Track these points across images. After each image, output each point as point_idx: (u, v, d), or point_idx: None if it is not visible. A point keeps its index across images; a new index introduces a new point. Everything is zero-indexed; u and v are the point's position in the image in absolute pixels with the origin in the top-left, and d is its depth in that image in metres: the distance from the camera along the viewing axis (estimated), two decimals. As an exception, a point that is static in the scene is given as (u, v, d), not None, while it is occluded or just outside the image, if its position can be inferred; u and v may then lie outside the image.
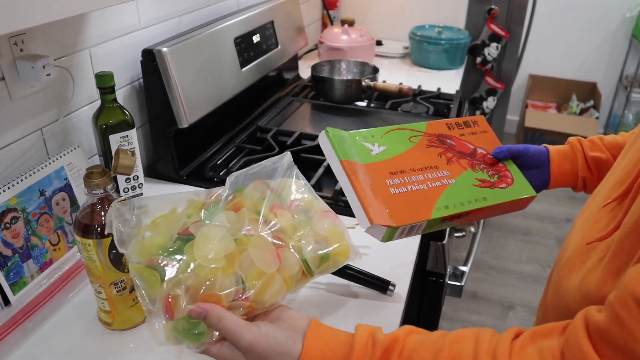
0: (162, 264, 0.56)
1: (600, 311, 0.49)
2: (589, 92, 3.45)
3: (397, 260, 0.91)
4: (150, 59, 1.04)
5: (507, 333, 0.53)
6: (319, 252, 0.62)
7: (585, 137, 0.88)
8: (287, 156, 0.71)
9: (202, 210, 0.62)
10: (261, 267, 0.57)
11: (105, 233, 0.63)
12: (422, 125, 0.82)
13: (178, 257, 0.56)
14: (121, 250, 0.59)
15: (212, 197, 0.64)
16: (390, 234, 0.69)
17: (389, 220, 0.68)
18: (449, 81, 1.84)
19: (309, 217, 0.66)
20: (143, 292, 0.56)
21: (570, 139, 0.88)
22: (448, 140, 0.82)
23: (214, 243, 0.57)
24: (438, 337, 0.55)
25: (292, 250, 0.61)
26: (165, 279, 0.55)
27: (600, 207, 0.64)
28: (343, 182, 0.71)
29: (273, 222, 0.62)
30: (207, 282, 0.55)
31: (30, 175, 0.80)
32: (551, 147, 0.86)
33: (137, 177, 0.99)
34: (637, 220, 0.52)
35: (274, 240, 0.60)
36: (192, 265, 0.55)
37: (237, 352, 0.54)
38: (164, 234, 0.59)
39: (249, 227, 0.60)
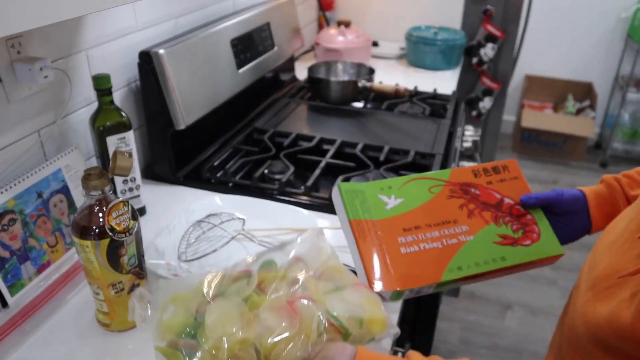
0: (183, 347, 0.55)
1: None
2: (585, 92, 3.46)
3: (394, 260, 0.91)
4: (147, 61, 1.04)
5: None
6: (351, 313, 0.59)
7: (584, 138, 0.85)
8: (318, 230, 0.69)
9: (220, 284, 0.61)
10: (277, 334, 0.55)
11: (129, 320, 0.62)
12: (445, 173, 0.77)
13: (197, 338, 0.56)
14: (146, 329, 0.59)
15: (239, 272, 0.63)
16: (397, 295, 0.66)
17: (393, 284, 0.65)
18: (445, 82, 1.84)
19: (340, 286, 0.64)
20: None
21: (606, 177, 0.81)
22: (472, 190, 0.76)
23: (226, 320, 0.56)
24: None
25: (310, 303, 0.58)
26: None
27: (636, 237, 0.60)
28: (350, 243, 0.69)
29: (295, 278, 0.61)
30: None
31: (27, 177, 0.81)
32: (587, 191, 0.79)
33: (135, 178, 0.99)
34: None
35: (291, 292, 0.59)
36: (209, 344, 0.55)
37: None
38: (183, 311, 0.59)
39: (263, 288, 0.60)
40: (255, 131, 1.35)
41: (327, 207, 1.04)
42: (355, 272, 0.68)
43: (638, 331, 0.53)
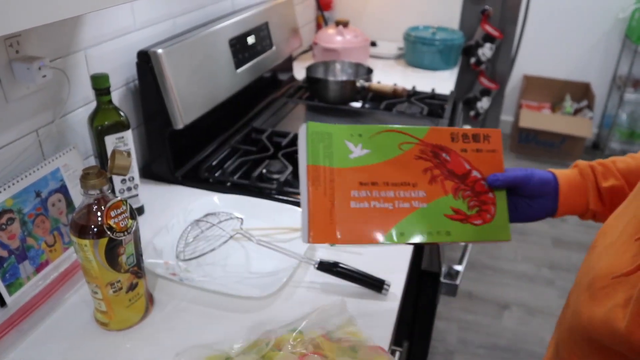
0: None
1: None
2: (582, 92, 3.47)
3: (392, 260, 0.91)
4: (145, 61, 1.04)
5: None
6: None
7: (581, 138, 0.83)
8: (340, 301, 0.70)
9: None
10: None
11: None
12: (422, 130, 0.73)
13: None
14: None
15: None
16: (334, 244, 0.67)
17: (329, 237, 0.65)
18: (443, 82, 1.84)
19: (355, 347, 0.65)
20: None
21: (580, 163, 0.78)
22: (443, 155, 0.73)
23: None
24: None
25: (320, 359, 0.59)
26: None
27: (633, 240, 0.59)
28: (302, 187, 0.68)
29: (311, 338, 0.63)
30: None
31: (26, 176, 0.81)
32: (560, 175, 0.77)
33: (133, 177, 0.99)
34: None
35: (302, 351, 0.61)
36: None
37: None
38: None
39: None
40: (254, 131, 1.35)
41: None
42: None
43: (632, 336, 0.53)
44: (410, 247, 0.95)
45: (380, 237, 0.67)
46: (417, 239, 0.69)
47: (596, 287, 0.62)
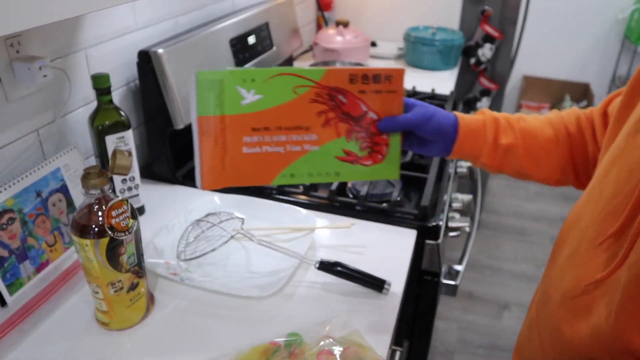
0: None
1: None
2: (582, 92, 3.47)
3: (393, 260, 0.91)
4: (146, 60, 1.04)
5: None
6: None
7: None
8: (345, 315, 0.73)
9: None
10: None
11: None
12: (319, 72, 0.70)
13: None
14: None
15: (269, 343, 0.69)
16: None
17: (222, 181, 0.69)
18: (443, 82, 1.85)
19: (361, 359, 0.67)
20: None
21: (487, 115, 0.79)
22: (340, 97, 0.71)
23: None
24: None
25: None
26: None
27: (596, 245, 0.59)
28: (194, 139, 0.68)
29: (318, 349, 0.65)
30: None
31: (26, 176, 0.80)
32: (462, 122, 0.77)
33: (134, 177, 0.99)
34: None
35: None
36: None
37: None
38: None
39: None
40: (254, 131, 1.35)
41: (326, 207, 1.05)
42: None
43: (619, 337, 0.52)
44: (411, 248, 0.95)
45: (270, 179, 0.71)
46: (306, 179, 0.72)
47: (572, 300, 0.60)
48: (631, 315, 0.52)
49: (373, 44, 2.11)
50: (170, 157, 1.13)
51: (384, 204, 1.04)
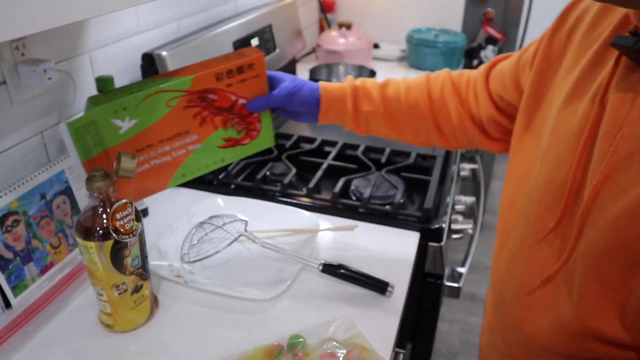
0: None
1: None
2: (585, 94, 3.47)
3: (396, 262, 0.91)
4: (150, 63, 1.04)
5: None
6: None
7: None
8: (348, 317, 0.74)
9: None
10: None
11: None
12: (186, 82, 0.73)
13: None
14: None
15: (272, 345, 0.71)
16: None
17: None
18: (446, 84, 1.84)
19: None
20: None
21: (349, 83, 0.86)
22: (210, 96, 0.75)
23: None
24: None
25: None
26: None
27: (539, 240, 0.60)
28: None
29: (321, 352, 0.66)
30: None
31: (31, 178, 0.81)
32: (325, 94, 0.83)
33: (137, 180, 0.99)
34: (606, 246, 0.50)
35: None
36: None
37: None
38: None
39: None
40: (257, 133, 1.35)
41: (329, 209, 1.05)
42: None
43: (589, 327, 0.52)
44: (414, 250, 0.95)
45: (165, 184, 0.77)
46: (196, 173, 0.79)
47: (527, 297, 0.61)
48: (595, 304, 0.53)
49: (376, 46, 2.11)
50: (174, 159, 1.13)
51: (387, 206, 1.04)
